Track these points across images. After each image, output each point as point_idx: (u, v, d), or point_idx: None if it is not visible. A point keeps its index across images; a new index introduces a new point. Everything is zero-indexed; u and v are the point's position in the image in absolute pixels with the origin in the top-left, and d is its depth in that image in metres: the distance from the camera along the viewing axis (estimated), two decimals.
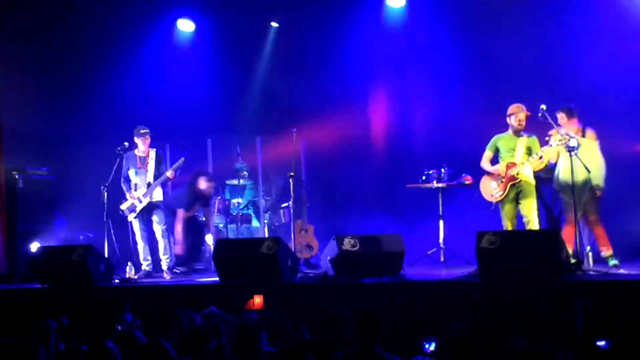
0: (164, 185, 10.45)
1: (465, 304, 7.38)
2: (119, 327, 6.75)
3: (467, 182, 10.11)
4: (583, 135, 8.96)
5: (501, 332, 5.85)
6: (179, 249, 10.82)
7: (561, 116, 8.99)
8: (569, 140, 8.59)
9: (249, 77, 12.78)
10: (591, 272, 8.19)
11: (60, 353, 5.99)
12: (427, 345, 6.02)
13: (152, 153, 10.33)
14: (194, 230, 11.20)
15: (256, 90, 12.70)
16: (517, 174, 9.13)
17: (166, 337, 5.51)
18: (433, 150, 11.10)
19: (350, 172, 12.04)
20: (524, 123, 9.23)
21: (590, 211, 8.85)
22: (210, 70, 12.90)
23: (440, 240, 10.19)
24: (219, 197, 11.81)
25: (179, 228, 11.00)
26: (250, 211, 12.00)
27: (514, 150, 9.26)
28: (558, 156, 9.05)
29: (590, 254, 8.70)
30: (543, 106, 8.83)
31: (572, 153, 8.44)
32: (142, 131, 10.30)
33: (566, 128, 8.95)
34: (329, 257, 8.77)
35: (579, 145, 8.72)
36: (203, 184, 11.21)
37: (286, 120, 11.19)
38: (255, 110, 12.66)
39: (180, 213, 11.06)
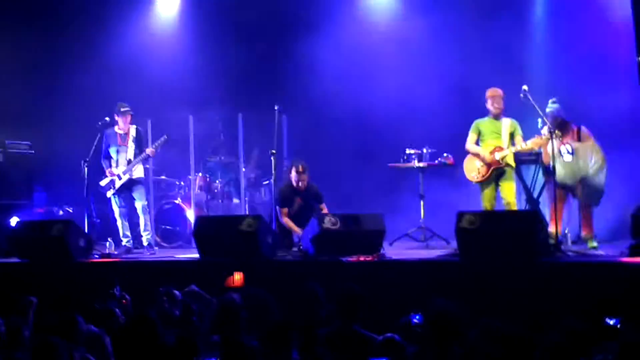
0: (145, 162, 10.43)
1: (445, 283, 7.43)
2: (97, 306, 6.73)
3: (448, 162, 10.12)
4: (579, 137, 8.96)
5: (479, 311, 5.90)
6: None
7: (557, 133, 8.77)
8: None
9: (232, 54, 12.69)
10: (569, 253, 8.26)
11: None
12: (414, 319, 6.08)
13: (133, 130, 10.29)
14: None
15: (239, 67, 12.63)
16: (502, 158, 9.16)
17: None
18: (415, 131, 11.10)
19: (332, 151, 12.03)
20: (501, 106, 9.28)
21: (579, 196, 8.88)
22: (192, 46, 12.82)
23: (421, 220, 10.22)
24: (200, 174, 11.79)
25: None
26: (232, 188, 11.98)
27: (497, 133, 9.29)
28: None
29: (569, 235, 8.76)
30: (525, 87, 8.86)
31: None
32: (122, 109, 10.26)
33: (565, 139, 8.91)
34: (309, 236, 8.79)
35: (573, 151, 8.77)
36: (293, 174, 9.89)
37: (268, 97, 11.16)
38: (238, 87, 12.60)
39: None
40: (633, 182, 9.68)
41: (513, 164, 9.25)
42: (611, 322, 5.88)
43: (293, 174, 9.77)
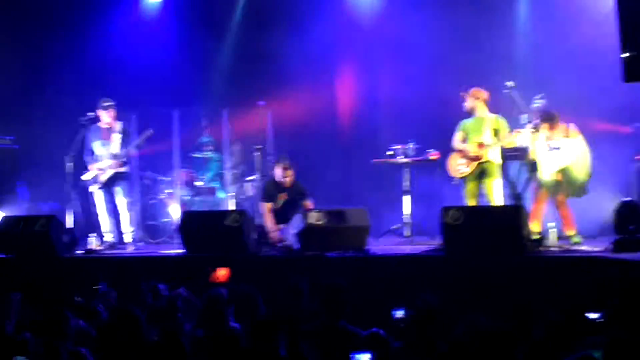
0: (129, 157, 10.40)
1: (430, 278, 7.45)
2: (76, 299, 6.72)
3: (433, 158, 10.12)
4: (567, 133, 8.99)
5: (464, 306, 5.92)
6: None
7: (544, 126, 8.84)
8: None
9: (217, 48, 12.66)
10: (553, 249, 8.30)
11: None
12: (396, 314, 6.10)
13: (119, 126, 10.24)
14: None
15: (224, 63, 12.60)
16: (485, 154, 9.22)
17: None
18: (400, 126, 11.11)
19: (318, 147, 12.01)
20: (483, 105, 9.32)
21: (559, 193, 8.92)
22: (177, 42, 12.76)
23: (406, 215, 10.23)
24: (185, 170, 11.76)
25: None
26: (217, 184, 11.96)
27: (481, 130, 9.33)
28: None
29: (553, 230, 8.79)
30: (509, 83, 8.88)
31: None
32: (105, 104, 10.22)
33: (553, 135, 8.90)
34: (294, 231, 8.80)
35: (560, 146, 8.81)
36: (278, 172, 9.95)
37: (253, 93, 11.14)
38: (223, 82, 12.57)
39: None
40: (618, 177, 9.73)
41: (498, 160, 9.29)
42: (594, 317, 5.92)
43: (278, 171, 9.77)
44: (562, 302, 6.62)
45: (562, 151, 8.79)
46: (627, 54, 7.73)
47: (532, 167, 8.96)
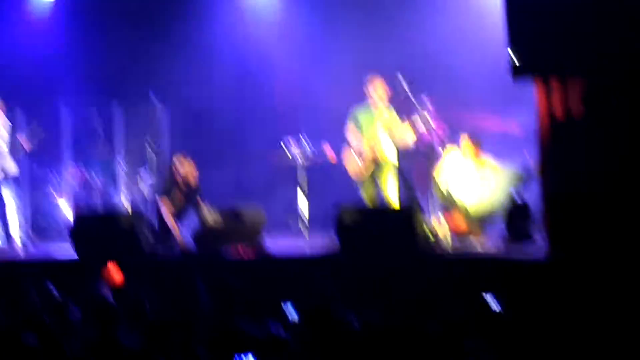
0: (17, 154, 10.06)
1: (325, 277, 7.46)
2: None
3: (330, 155, 10.06)
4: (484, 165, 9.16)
5: (359, 305, 5.96)
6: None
7: (466, 138, 9.12)
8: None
9: (108, 41, 12.33)
10: (447, 248, 8.44)
11: None
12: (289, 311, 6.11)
13: (5, 122, 9.91)
14: None
15: (115, 55, 12.29)
16: (379, 153, 9.27)
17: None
18: (296, 122, 11.08)
19: (213, 143, 11.87)
20: (383, 96, 9.32)
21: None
22: (69, 37, 12.39)
23: (303, 214, 10.21)
24: (77, 169, 11.47)
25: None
26: (110, 182, 11.70)
27: (376, 124, 9.35)
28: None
29: (448, 232, 8.92)
30: (400, 75, 8.98)
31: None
32: None
33: (465, 152, 9.13)
34: (190, 232, 8.71)
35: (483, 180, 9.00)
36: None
37: (145, 85, 10.92)
38: (115, 78, 12.26)
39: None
40: None
41: (393, 158, 9.34)
42: (490, 306, 6.08)
43: (177, 168, 9.58)
44: (455, 299, 6.77)
45: (478, 184, 8.99)
46: (513, 52, 7.70)
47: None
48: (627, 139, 7.10)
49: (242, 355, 4.98)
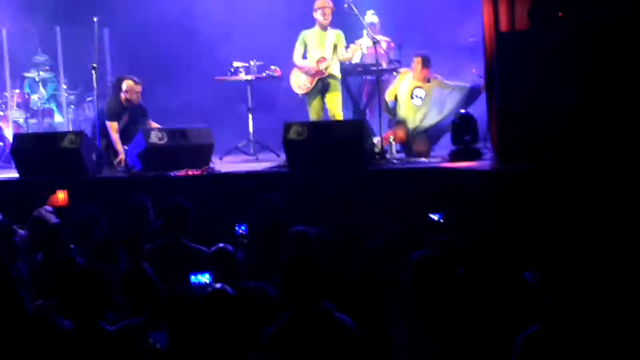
0: None
1: (275, 194, 7.45)
2: None
3: (276, 74, 10.06)
4: (427, 79, 9.10)
5: (307, 220, 5.99)
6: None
7: (417, 61, 9.03)
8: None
9: None
10: (394, 161, 8.50)
11: None
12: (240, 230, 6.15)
13: None
14: None
15: None
16: (325, 69, 9.27)
17: None
18: (242, 44, 10.93)
19: (158, 65, 11.64)
20: (329, 17, 9.33)
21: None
22: None
23: (250, 133, 10.16)
24: (18, 91, 11.18)
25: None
26: (53, 105, 11.46)
27: (322, 45, 9.34)
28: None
29: (393, 143, 8.98)
30: None
31: None
32: None
33: (417, 74, 9.07)
34: (136, 151, 8.59)
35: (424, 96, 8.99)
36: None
37: (88, 9, 10.61)
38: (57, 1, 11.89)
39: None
40: None
41: (338, 75, 9.39)
42: (435, 218, 6.19)
43: (126, 87, 9.32)
44: (403, 212, 6.84)
45: (428, 104, 9.01)
46: None
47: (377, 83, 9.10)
48: (573, 53, 7.11)
49: (199, 275, 4.97)
